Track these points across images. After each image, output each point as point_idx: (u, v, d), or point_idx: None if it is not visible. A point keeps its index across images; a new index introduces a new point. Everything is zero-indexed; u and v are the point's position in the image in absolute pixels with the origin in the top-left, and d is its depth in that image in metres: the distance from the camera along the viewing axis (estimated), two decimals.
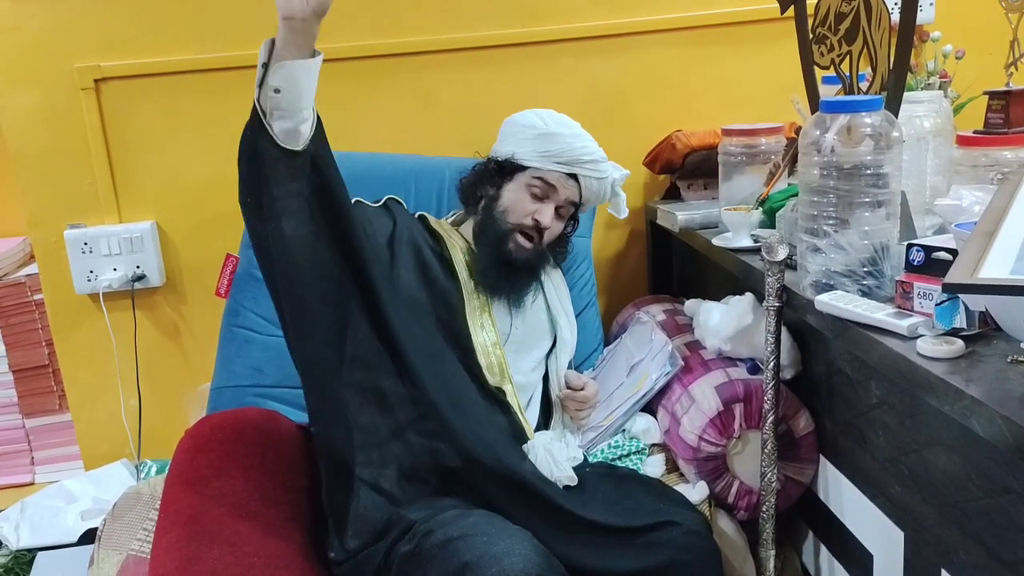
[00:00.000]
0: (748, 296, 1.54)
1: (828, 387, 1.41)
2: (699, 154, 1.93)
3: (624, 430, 1.65)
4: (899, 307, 1.16)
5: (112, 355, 2.00)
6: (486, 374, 1.56)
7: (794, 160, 1.58)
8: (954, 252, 1.10)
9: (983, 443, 0.97)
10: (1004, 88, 1.43)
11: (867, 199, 1.23)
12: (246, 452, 1.50)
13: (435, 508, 1.30)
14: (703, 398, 1.49)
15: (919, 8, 1.76)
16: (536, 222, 1.60)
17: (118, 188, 1.98)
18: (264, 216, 1.29)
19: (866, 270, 1.24)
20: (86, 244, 1.96)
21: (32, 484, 2.22)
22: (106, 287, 1.97)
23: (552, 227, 1.63)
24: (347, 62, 1.98)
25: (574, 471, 1.49)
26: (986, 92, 1.47)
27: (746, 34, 2.07)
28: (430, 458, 1.42)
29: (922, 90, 1.76)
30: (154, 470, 1.95)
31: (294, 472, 1.51)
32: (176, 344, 2.08)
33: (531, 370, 1.67)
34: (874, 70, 1.36)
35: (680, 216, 1.85)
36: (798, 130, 1.53)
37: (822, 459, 1.46)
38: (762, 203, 1.62)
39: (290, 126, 1.26)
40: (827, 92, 1.51)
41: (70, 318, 2.02)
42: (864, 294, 1.23)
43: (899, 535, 1.22)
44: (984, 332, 1.07)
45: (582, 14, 2.04)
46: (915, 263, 1.16)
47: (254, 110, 1.25)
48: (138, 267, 1.99)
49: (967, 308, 1.06)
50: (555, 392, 1.69)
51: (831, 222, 1.25)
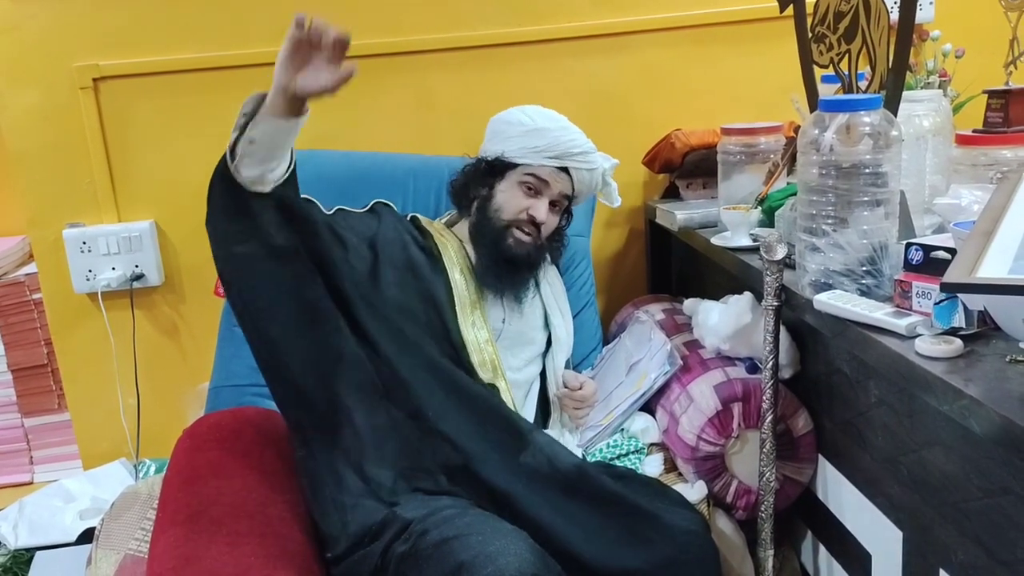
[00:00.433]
0: (747, 295, 1.54)
1: (827, 387, 1.41)
2: (698, 153, 1.93)
3: (623, 429, 1.65)
4: (898, 306, 1.16)
5: (111, 354, 2.00)
6: (478, 371, 1.56)
7: (793, 159, 1.58)
8: (953, 251, 1.10)
9: (982, 443, 0.97)
10: (1003, 87, 1.43)
11: (866, 198, 1.23)
12: (244, 451, 1.50)
13: (431, 508, 1.29)
14: (702, 397, 1.49)
15: (918, 7, 1.76)
16: (532, 217, 1.61)
17: (117, 187, 1.98)
18: (220, 241, 1.34)
19: (865, 269, 1.24)
20: (85, 243, 1.96)
21: (31, 483, 2.22)
22: (105, 286, 1.97)
23: (548, 221, 1.63)
24: (348, 61, 1.98)
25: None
26: (985, 91, 1.47)
27: (745, 33, 2.07)
28: (422, 457, 1.42)
29: (921, 89, 1.76)
30: (152, 469, 1.95)
31: (292, 472, 1.51)
32: (175, 343, 2.08)
33: (524, 367, 1.67)
34: (873, 69, 1.36)
35: (679, 215, 1.85)
36: (797, 129, 1.53)
37: (821, 459, 1.46)
38: (761, 202, 1.62)
39: (256, 174, 1.28)
40: (826, 91, 1.51)
41: (69, 317, 2.02)
42: (863, 293, 1.23)
43: (898, 535, 1.21)
44: (983, 331, 1.07)
45: (581, 13, 2.04)
46: (914, 262, 1.16)
47: (226, 152, 1.27)
48: (137, 266, 1.99)
49: (966, 307, 1.06)
50: (553, 391, 1.69)
51: (830, 221, 1.25)
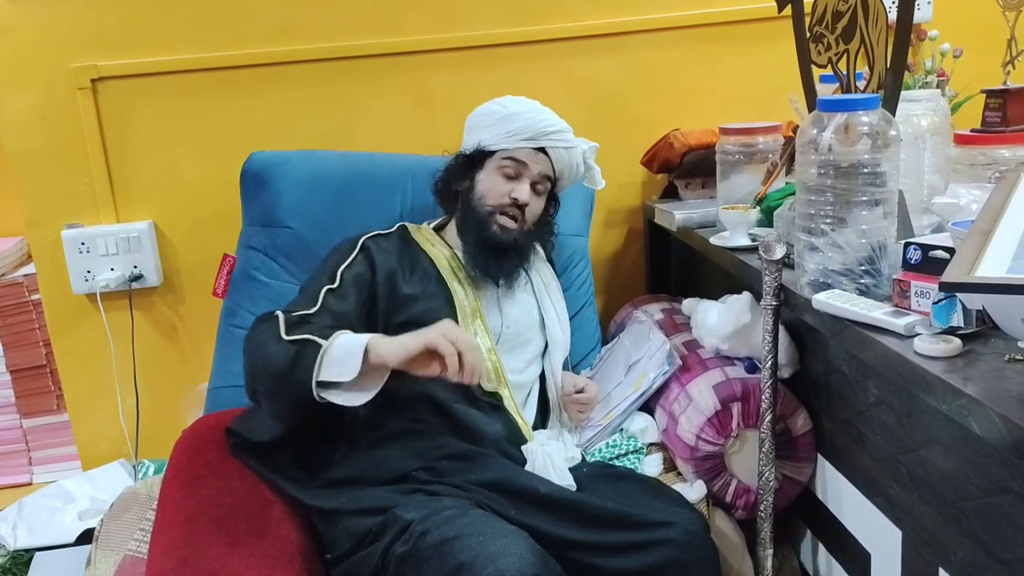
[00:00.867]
0: (746, 295, 1.54)
1: (826, 386, 1.41)
2: (697, 153, 1.93)
3: (622, 429, 1.65)
4: (896, 306, 1.16)
5: (110, 355, 2.00)
6: (482, 381, 1.56)
7: (791, 159, 1.58)
8: (951, 251, 1.10)
9: (980, 442, 0.97)
10: (1001, 86, 1.43)
11: (864, 198, 1.23)
12: None
13: (431, 508, 1.29)
14: (701, 397, 1.49)
15: (916, 6, 1.76)
16: (514, 200, 1.60)
17: (115, 188, 1.98)
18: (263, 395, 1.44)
19: (863, 269, 1.24)
20: (83, 244, 1.95)
21: (30, 484, 2.22)
22: (103, 287, 1.97)
23: (532, 204, 1.63)
24: (346, 61, 1.98)
25: (571, 471, 1.49)
26: (984, 90, 1.47)
27: (744, 33, 2.07)
28: (428, 457, 1.43)
29: (919, 88, 1.77)
30: (152, 470, 1.95)
31: None
32: (174, 344, 2.08)
33: (525, 368, 1.66)
34: (871, 69, 1.36)
35: (678, 215, 1.85)
36: (795, 129, 1.53)
37: (820, 458, 1.46)
38: (760, 202, 1.62)
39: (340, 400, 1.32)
40: (824, 91, 1.51)
41: (67, 318, 2.02)
42: (861, 293, 1.23)
43: (897, 534, 1.21)
44: (981, 331, 1.07)
45: (581, 13, 2.04)
46: (912, 262, 1.16)
47: (306, 380, 1.30)
48: (135, 267, 1.98)
49: (964, 307, 1.06)
50: (552, 391, 1.69)
51: (828, 221, 1.25)
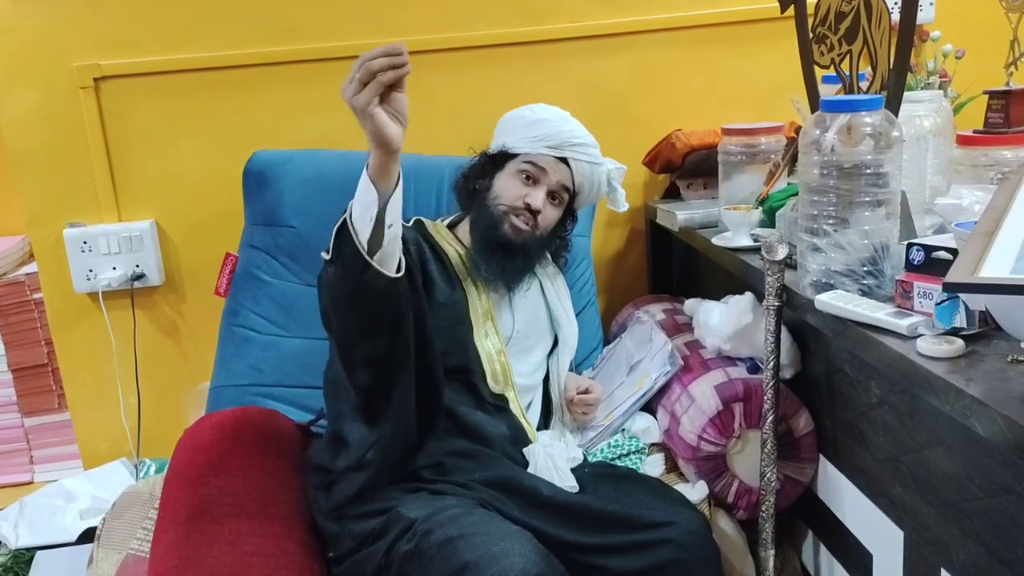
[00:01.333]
0: (748, 295, 1.54)
1: (828, 386, 1.41)
2: (699, 153, 1.93)
3: (624, 429, 1.65)
4: (899, 306, 1.16)
5: (111, 354, 2.00)
6: (490, 383, 1.56)
7: (794, 159, 1.58)
8: (954, 251, 1.10)
9: (983, 443, 0.97)
10: (1004, 88, 1.43)
11: (867, 198, 1.23)
12: (245, 451, 1.50)
13: (435, 507, 1.29)
14: (703, 397, 1.49)
15: (919, 7, 1.76)
16: (527, 204, 1.59)
17: (117, 187, 1.98)
18: (354, 337, 1.33)
19: (866, 269, 1.24)
20: (85, 243, 1.95)
21: (31, 483, 2.21)
22: (105, 286, 1.97)
23: (546, 212, 1.61)
24: (348, 61, 1.96)
25: (573, 472, 1.49)
26: (986, 91, 1.47)
27: (746, 33, 2.07)
28: (434, 454, 1.43)
29: (922, 89, 1.76)
30: (153, 469, 1.95)
31: (293, 471, 1.51)
32: (175, 343, 2.08)
33: (532, 372, 1.66)
34: (874, 69, 1.36)
35: (680, 215, 1.85)
36: (798, 129, 1.53)
37: (822, 459, 1.46)
38: (762, 202, 1.62)
39: (389, 252, 1.29)
40: (827, 91, 1.51)
41: (69, 317, 2.02)
42: (864, 293, 1.23)
43: (899, 535, 1.22)
44: (984, 331, 1.07)
45: (582, 13, 2.04)
46: (915, 262, 1.16)
47: (349, 255, 1.25)
48: (137, 266, 1.98)
49: (967, 307, 1.06)
50: (555, 392, 1.69)
51: (831, 221, 1.25)
